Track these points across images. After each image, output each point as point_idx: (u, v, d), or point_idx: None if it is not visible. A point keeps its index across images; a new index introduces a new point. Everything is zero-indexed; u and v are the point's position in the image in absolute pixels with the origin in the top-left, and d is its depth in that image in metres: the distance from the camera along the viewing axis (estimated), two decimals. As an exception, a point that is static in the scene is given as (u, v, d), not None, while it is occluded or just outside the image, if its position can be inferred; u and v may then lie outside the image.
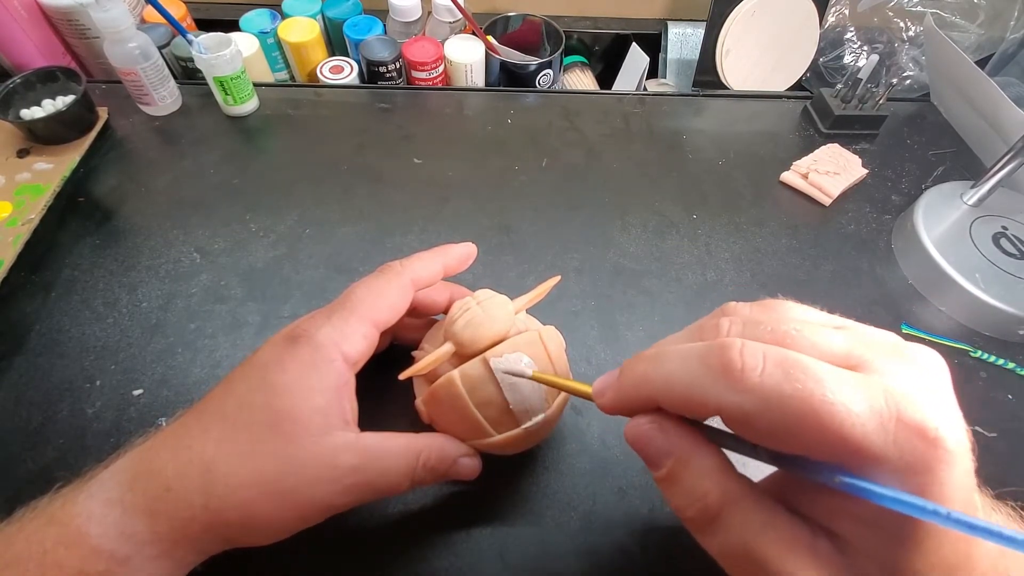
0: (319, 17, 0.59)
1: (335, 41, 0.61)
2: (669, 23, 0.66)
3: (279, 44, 0.58)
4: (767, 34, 0.58)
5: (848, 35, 0.62)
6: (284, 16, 0.58)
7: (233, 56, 0.47)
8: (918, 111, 0.57)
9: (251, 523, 0.22)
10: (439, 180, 0.48)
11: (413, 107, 0.54)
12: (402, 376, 0.27)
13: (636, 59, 0.66)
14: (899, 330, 0.40)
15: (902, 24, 0.61)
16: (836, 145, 0.51)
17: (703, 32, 0.58)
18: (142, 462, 0.22)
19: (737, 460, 0.19)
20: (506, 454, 0.28)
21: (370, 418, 0.25)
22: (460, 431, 0.27)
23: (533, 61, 0.58)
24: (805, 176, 0.48)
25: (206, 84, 0.49)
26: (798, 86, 0.62)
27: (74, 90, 0.47)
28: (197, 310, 0.38)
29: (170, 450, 0.22)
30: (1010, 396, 0.37)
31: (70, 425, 0.33)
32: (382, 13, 0.59)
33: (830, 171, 0.48)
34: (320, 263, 0.41)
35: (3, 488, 0.30)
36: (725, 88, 0.61)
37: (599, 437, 0.34)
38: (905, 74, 0.62)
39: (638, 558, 0.30)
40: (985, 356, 0.39)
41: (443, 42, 0.57)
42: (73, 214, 0.43)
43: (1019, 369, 0.38)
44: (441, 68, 0.57)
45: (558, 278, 0.30)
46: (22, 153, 0.45)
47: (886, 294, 0.42)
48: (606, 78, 0.72)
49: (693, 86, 0.62)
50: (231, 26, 0.56)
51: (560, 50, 0.59)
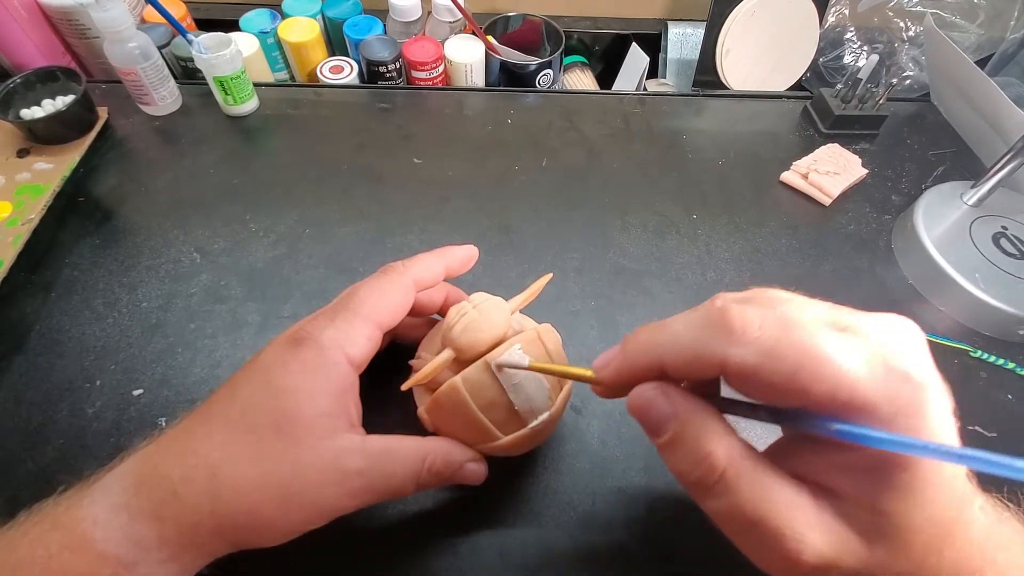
0: (319, 17, 0.59)
1: (335, 41, 0.61)
2: (669, 23, 0.66)
3: (279, 44, 0.58)
4: (767, 34, 0.58)
5: (848, 35, 0.62)
6: (284, 16, 0.58)
7: (233, 56, 0.47)
8: (918, 111, 0.57)
9: (257, 526, 0.22)
10: (439, 180, 0.48)
11: (413, 107, 0.54)
12: (404, 387, 0.27)
13: (636, 59, 0.66)
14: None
15: (902, 24, 0.61)
16: (836, 145, 0.51)
17: (703, 32, 0.58)
18: (147, 466, 0.22)
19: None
20: (511, 455, 0.28)
21: (373, 431, 0.25)
22: (465, 436, 0.27)
23: (533, 61, 0.58)
24: (805, 176, 0.48)
25: (206, 84, 0.49)
26: (798, 86, 0.62)
27: (74, 90, 0.47)
28: (197, 310, 0.38)
29: (175, 454, 0.22)
30: (1010, 396, 0.37)
31: (70, 425, 0.33)
32: (382, 13, 0.59)
33: (830, 171, 0.48)
34: (320, 263, 0.41)
35: (3, 488, 0.30)
36: (725, 88, 0.61)
37: (599, 437, 0.34)
38: (905, 74, 0.62)
39: (638, 558, 0.30)
40: (985, 356, 0.39)
41: (443, 42, 0.57)
42: (73, 214, 0.43)
43: (1019, 369, 0.38)
44: (441, 68, 0.57)
45: (550, 276, 0.30)
46: (22, 153, 0.45)
47: (886, 294, 0.42)
48: (606, 78, 0.72)
49: (693, 86, 0.62)
50: (231, 26, 0.56)
51: (560, 50, 0.59)
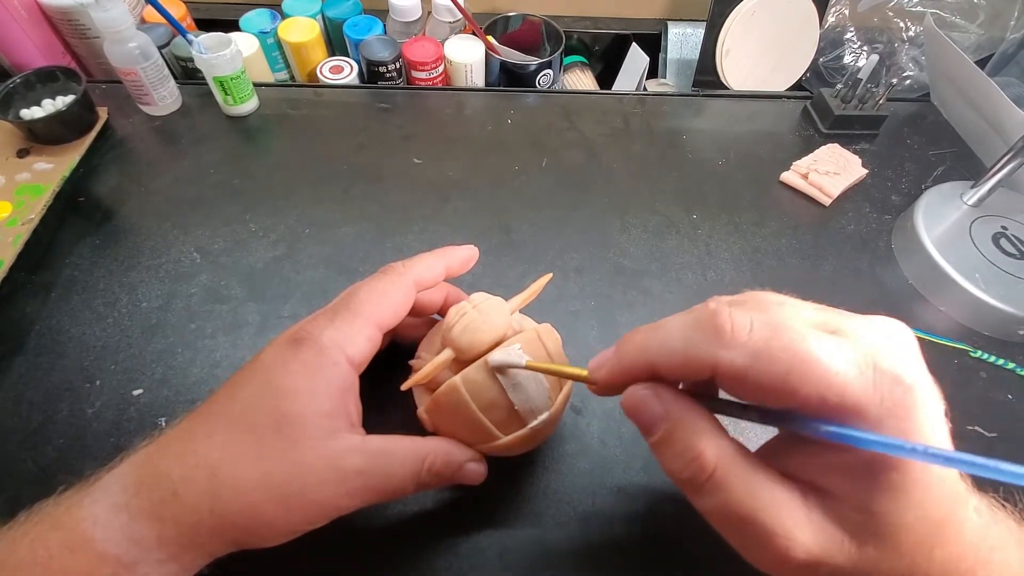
0: (319, 17, 0.59)
1: (335, 41, 0.61)
2: (669, 23, 0.66)
3: (279, 44, 0.58)
4: (767, 34, 0.58)
5: (848, 35, 0.62)
6: (284, 16, 0.58)
7: (233, 56, 0.47)
8: (918, 111, 0.57)
9: (258, 526, 0.22)
10: (439, 180, 0.48)
11: (413, 107, 0.54)
12: (404, 387, 0.27)
13: (636, 59, 0.66)
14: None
15: (902, 24, 0.61)
16: (836, 145, 0.51)
17: (703, 32, 0.58)
18: (147, 466, 0.22)
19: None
20: (511, 455, 0.28)
21: (373, 431, 0.25)
22: (465, 436, 0.27)
23: (533, 61, 0.58)
24: (805, 176, 0.48)
25: (206, 84, 0.49)
26: (798, 86, 0.62)
27: (74, 90, 0.47)
28: (197, 310, 0.38)
29: (175, 454, 0.22)
30: (1010, 396, 0.37)
31: (70, 425, 0.33)
32: (382, 13, 0.59)
33: (830, 171, 0.48)
34: (320, 263, 0.41)
35: (3, 488, 0.30)
36: (725, 88, 0.61)
37: (599, 437, 0.34)
38: (905, 74, 0.62)
39: (638, 558, 0.30)
40: (985, 356, 0.39)
41: (443, 42, 0.57)
42: (73, 214, 0.43)
43: (1019, 369, 0.38)
44: (441, 68, 0.57)
45: (550, 276, 0.30)
46: (22, 153, 0.45)
47: (886, 294, 0.42)
48: (606, 78, 0.72)
49: (693, 86, 0.62)
50: (231, 26, 0.56)
51: (560, 50, 0.59)
